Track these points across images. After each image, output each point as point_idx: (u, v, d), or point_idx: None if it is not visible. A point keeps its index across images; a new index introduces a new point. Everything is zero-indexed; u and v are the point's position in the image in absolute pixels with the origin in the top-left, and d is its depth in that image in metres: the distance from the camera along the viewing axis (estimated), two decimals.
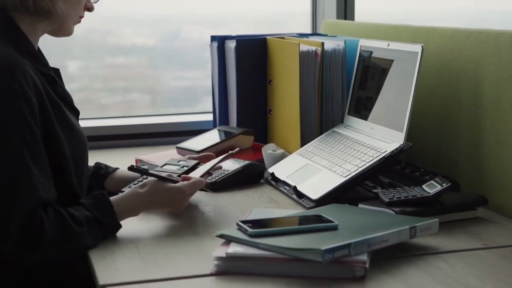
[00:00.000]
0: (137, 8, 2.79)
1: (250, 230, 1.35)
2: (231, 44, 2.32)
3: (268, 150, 2.06)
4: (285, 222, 1.44)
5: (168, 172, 1.72)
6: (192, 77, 2.75)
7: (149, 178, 1.60)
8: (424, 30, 1.98)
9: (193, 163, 1.79)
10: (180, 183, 1.59)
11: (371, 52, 1.95)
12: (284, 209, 1.71)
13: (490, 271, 1.32)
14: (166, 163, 1.83)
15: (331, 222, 1.40)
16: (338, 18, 2.74)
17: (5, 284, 1.44)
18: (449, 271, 1.32)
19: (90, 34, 2.81)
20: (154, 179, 1.58)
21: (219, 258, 1.31)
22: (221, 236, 1.38)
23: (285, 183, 1.87)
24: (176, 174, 1.70)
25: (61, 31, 1.59)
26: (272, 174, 1.94)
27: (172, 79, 2.89)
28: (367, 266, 1.28)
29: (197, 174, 1.68)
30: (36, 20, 1.52)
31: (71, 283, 1.51)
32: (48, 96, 1.48)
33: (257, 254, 1.30)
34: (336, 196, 1.71)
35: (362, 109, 1.95)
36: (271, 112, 2.30)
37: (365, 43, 1.99)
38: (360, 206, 1.62)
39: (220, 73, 2.38)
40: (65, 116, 1.53)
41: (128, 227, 1.52)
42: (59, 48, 2.70)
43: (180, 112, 2.75)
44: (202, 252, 1.40)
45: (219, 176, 1.90)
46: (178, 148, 2.18)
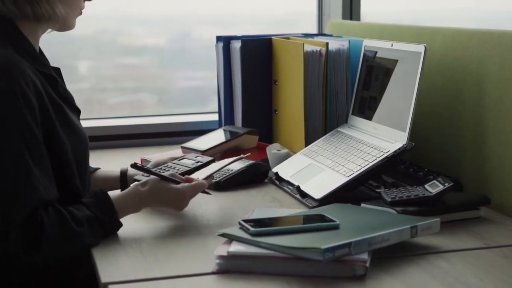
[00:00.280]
0: (148, 9, 2.81)
1: (252, 229, 1.36)
2: (237, 45, 2.33)
3: (272, 150, 2.06)
4: (287, 221, 1.44)
5: (181, 167, 1.78)
6: (202, 77, 2.76)
7: (151, 177, 1.61)
8: (428, 30, 1.99)
9: (207, 159, 1.83)
10: (181, 185, 1.60)
11: (376, 52, 1.96)
12: (287, 208, 1.71)
13: (491, 270, 1.32)
14: (184, 157, 1.88)
15: (332, 221, 1.41)
16: (344, 18, 2.75)
17: (5, 284, 1.45)
18: (449, 270, 1.33)
19: (101, 34, 2.83)
20: (156, 178, 1.59)
21: (221, 257, 1.32)
22: (223, 235, 1.39)
23: (289, 183, 1.88)
24: (181, 172, 1.73)
25: (63, 28, 1.60)
26: (276, 174, 1.95)
27: (182, 79, 2.90)
28: (368, 265, 1.29)
29: (201, 176, 1.69)
30: (36, 25, 1.53)
31: (72, 283, 1.52)
32: (48, 97, 1.48)
33: (258, 253, 1.31)
34: (339, 195, 1.72)
35: (366, 109, 1.96)
36: (276, 112, 2.31)
37: (369, 43, 2.00)
38: (362, 205, 1.62)
39: (225, 73, 2.39)
40: (66, 116, 1.53)
41: (131, 226, 1.54)
42: (69, 48, 2.72)
43: (187, 112, 2.76)
44: (205, 251, 1.41)
45: (223, 176, 1.91)
46: (183, 147, 2.19)
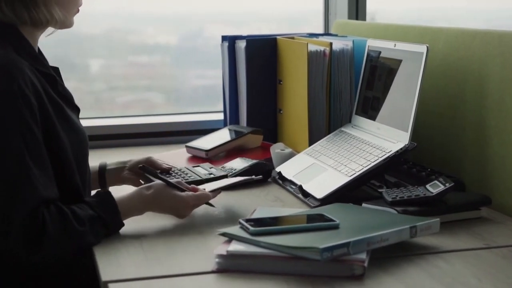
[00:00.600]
0: (159, 7, 2.82)
1: (252, 229, 1.37)
2: (242, 44, 2.33)
3: (276, 149, 2.07)
4: (287, 220, 1.45)
5: (193, 174, 1.80)
6: (213, 75, 2.77)
7: (156, 181, 1.62)
8: (431, 31, 1.99)
9: (220, 173, 1.83)
10: (186, 193, 1.60)
11: (380, 52, 1.96)
12: (289, 208, 1.72)
13: (490, 271, 1.33)
14: (199, 165, 1.90)
15: (332, 221, 1.41)
16: (350, 18, 2.75)
17: (5, 284, 1.47)
18: (448, 270, 1.33)
19: (112, 33, 2.84)
20: (161, 183, 1.60)
21: (220, 256, 1.33)
22: (223, 234, 1.40)
23: (291, 182, 1.89)
24: (191, 181, 1.76)
25: (62, 28, 1.60)
26: (279, 173, 1.96)
27: (194, 77, 2.91)
28: (366, 264, 1.30)
29: (208, 188, 1.68)
30: (34, 28, 1.55)
31: (72, 283, 1.54)
32: (47, 96, 1.49)
33: (257, 252, 1.32)
34: (341, 195, 1.73)
35: (369, 109, 1.96)
36: (281, 111, 2.32)
37: (372, 43, 2.00)
38: (363, 205, 1.63)
39: (230, 72, 2.40)
40: (66, 115, 1.54)
41: (133, 224, 1.55)
42: (81, 47, 2.73)
43: (196, 111, 2.77)
44: (205, 250, 1.42)
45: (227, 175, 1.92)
46: (187, 147, 2.20)
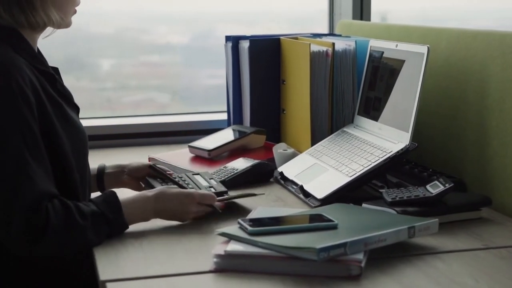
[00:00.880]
0: (171, 7, 2.83)
1: (250, 229, 1.37)
2: (245, 44, 2.34)
3: (278, 150, 2.08)
4: (285, 221, 1.45)
5: (194, 186, 1.75)
6: (225, 75, 2.80)
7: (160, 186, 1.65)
8: (433, 31, 1.99)
9: (222, 189, 1.77)
10: (190, 189, 1.61)
11: (382, 53, 1.96)
12: (290, 208, 1.72)
13: (487, 271, 1.33)
14: (199, 174, 1.83)
15: (331, 221, 1.42)
16: (354, 18, 2.75)
17: (6, 284, 1.48)
18: (445, 271, 1.33)
19: (125, 33, 2.86)
20: (164, 186, 1.62)
21: (218, 256, 1.34)
22: (222, 234, 1.40)
23: (293, 182, 1.89)
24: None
25: (60, 28, 1.61)
26: (281, 173, 1.96)
27: (205, 77, 2.92)
28: (363, 265, 1.30)
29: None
30: (32, 31, 1.56)
31: (72, 283, 1.55)
32: (45, 93, 1.50)
33: (254, 252, 1.32)
34: (342, 195, 1.73)
35: (372, 109, 1.97)
36: (284, 111, 2.32)
37: (374, 44, 2.00)
38: (363, 205, 1.63)
39: (234, 73, 2.41)
40: (65, 113, 1.55)
41: (134, 224, 1.55)
42: (92, 46, 2.75)
43: (199, 111, 2.78)
44: (205, 250, 1.42)
45: (229, 175, 1.92)
46: (190, 147, 2.21)
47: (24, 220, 1.37)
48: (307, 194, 1.79)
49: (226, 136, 2.24)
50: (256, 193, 1.74)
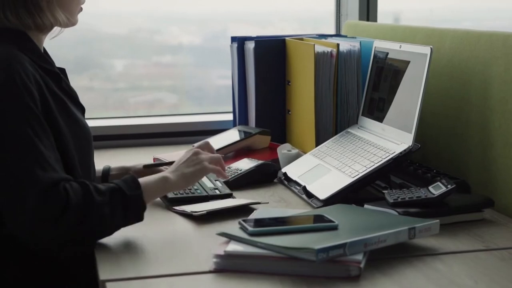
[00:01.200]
0: (184, 7, 2.84)
1: (250, 229, 1.38)
2: (250, 45, 2.35)
3: (283, 150, 2.08)
4: (286, 221, 1.46)
5: (199, 187, 1.80)
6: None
7: None
8: (437, 32, 1.99)
9: (227, 191, 1.80)
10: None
11: (387, 54, 1.96)
12: (292, 208, 1.73)
13: (486, 272, 1.33)
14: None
15: (331, 222, 1.42)
16: (361, 19, 2.75)
17: (5, 282, 1.49)
18: (445, 272, 1.33)
19: (138, 33, 2.87)
20: None
21: (218, 256, 1.34)
22: (222, 234, 1.41)
23: (296, 183, 1.89)
24: (198, 195, 1.77)
25: (66, 27, 1.63)
26: (285, 174, 1.96)
27: (217, 77, 2.93)
28: (362, 266, 1.30)
29: (210, 207, 1.69)
30: (39, 32, 1.57)
31: (72, 283, 1.55)
32: (49, 90, 1.51)
33: (253, 252, 1.32)
34: (344, 196, 1.73)
35: (376, 110, 1.97)
36: (289, 112, 2.32)
37: (379, 45, 2.00)
38: (365, 206, 1.63)
39: (239, 73, 2.41)
40: (68, 110, 1.55)
41: (135, 224, 1.56)
42: (106, 46, 2.76)
43: (205, 112, 2.79)
44: (205, 250, 1.42)
45: (233, 175, 1.93)
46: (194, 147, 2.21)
47: (43, 201, 1.37)
48: (310, 195, 1.79)
49: (231, 136, 2.25)
50: (260, 201, 1.75)
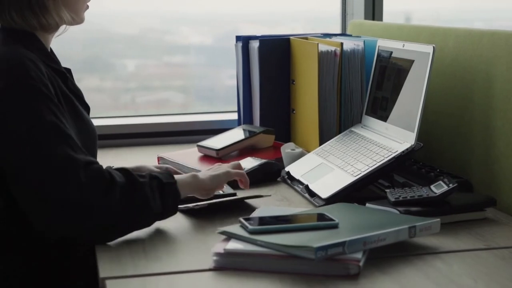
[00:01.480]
0: (194, 7, 2.85)
1: (250, 227, 1.38)
2: (255, 44, 2.35)
3: (286, 149, 2.08)
4: (287, 220, 1.46)
5: None
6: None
7: None
8: (441, 31, 1.99)
9: (230, 191, 1.81)
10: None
11: (391, 53, 1.95)
12: (295, 207, 1.73)
13: (486, 271, 1.33)
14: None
15: (331, 220, 1.42)
16: (366, 18, 2.75)
17: (6, 280, 1.49)
18: (445, 271, 1.33)
19: (149, 33, 2.88)
20: None
21: (218, 254, 1.34)
22: (222, 232, 1.41)
23: (299, 182, 1.89)
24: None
25: (72, 25, 1.64)
26: (288, 173, 1.97)
27: (227, 77, 2.93)
28: (361, 264, 1.30)
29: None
30: (45, 32, 1.58)
31: (72, 282, 1.56)
32: (59, 89, 1.52)
33: (253, 250, 1.33)
34: (346, 195, 1.73)
35: (379, 109, 1.97)
36: (294, 111, 2.32)
37: (382, 44, 2.00)
38: (367, 205, 1.63)
39: (244, 72, 2.41)
40: (75, 108, 1.57)
41: None
42: (117, 47, 2.77)
43: (209, 111, 2.80)
44: (206, 248, 1.43)
45: None
46: (198, 146, 2.22)
47: (89, 177, 1.39)
48: (312, 194, 1.79)
49: (235, 135, 2.25)
50: (262, 194, 1.75)
